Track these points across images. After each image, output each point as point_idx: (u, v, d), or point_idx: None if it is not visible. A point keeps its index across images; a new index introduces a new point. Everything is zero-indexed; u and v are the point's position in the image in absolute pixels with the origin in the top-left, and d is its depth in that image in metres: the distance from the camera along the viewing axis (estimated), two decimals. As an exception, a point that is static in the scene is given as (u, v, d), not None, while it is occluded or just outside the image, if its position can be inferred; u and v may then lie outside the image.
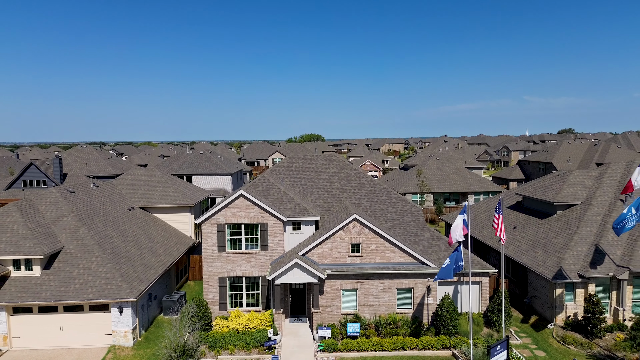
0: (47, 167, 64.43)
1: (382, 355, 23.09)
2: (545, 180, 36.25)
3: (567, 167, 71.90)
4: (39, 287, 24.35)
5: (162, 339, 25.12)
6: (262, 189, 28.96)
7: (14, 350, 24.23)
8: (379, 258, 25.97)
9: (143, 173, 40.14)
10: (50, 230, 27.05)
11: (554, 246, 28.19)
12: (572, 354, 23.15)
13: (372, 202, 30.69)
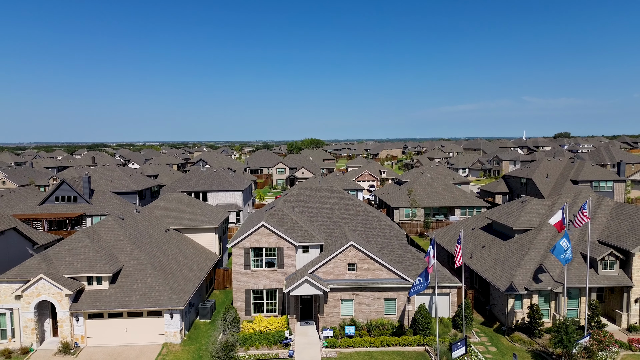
0: (77, 184, 71.49)
1: (372, 351, 30.36)
2: (509, 207, 43.50)
3: (546, 183, 79.16)
4: (108, 297, 31.64)
5: (202, 338, 32.59)
6: (278, 219, 36.22)
7: (89, 347, 31.48)
8: (370, 275, 33.23)
9: (174, 198, 47.37)
10: (112, 252, 34.36)
11: (510, 264, 35.47)
12: (516, 350, 30.44)
13: (366, 227, 37.98)
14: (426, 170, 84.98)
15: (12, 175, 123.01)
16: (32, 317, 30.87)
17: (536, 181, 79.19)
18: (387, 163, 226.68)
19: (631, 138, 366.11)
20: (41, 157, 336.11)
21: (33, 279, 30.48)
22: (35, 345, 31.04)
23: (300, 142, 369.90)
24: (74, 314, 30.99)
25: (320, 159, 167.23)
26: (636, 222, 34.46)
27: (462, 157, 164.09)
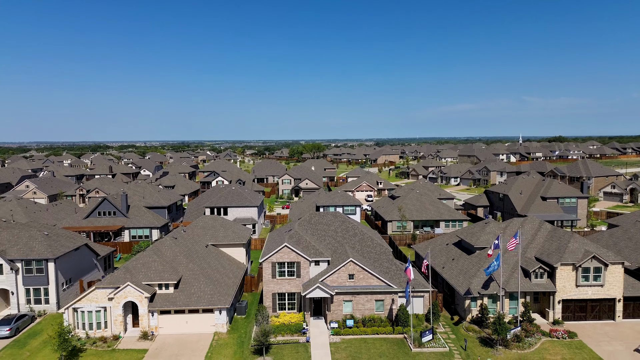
0: (116, 200, 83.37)
1: (365, 337, 42.21)
2: (474, 228, 55.38)
3: (520, 198, 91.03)
4: (174, 299, 43.52)
5: (241, 328, 44.47)
6: (296, 240, 48.07)
7: (160, 335, 43.33)
8: (365, 282, 45.08)
9: (210, 219, 59.23)
10: (173, 265, 46.24)
11: (469, 274, 47.34)
12: (468, 337, 42.31)
13: (362, 245, 49.85)
14: (416, 187, 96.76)
15: (41, 186, 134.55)
16: (120, 313, 42.78)
17: (511, 197, 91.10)
18: (385, 170, 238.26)
19: (620, 143, 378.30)
20: (51, 161, 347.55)
21: (122, 285, 42.37)
22: (122, 333, 42.95)
23: (302, 146, 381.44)
24: (150, 311, 42.88)
25: (321, 167, 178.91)
26: (562, 243, 46.37)
27: (454, 167, 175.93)
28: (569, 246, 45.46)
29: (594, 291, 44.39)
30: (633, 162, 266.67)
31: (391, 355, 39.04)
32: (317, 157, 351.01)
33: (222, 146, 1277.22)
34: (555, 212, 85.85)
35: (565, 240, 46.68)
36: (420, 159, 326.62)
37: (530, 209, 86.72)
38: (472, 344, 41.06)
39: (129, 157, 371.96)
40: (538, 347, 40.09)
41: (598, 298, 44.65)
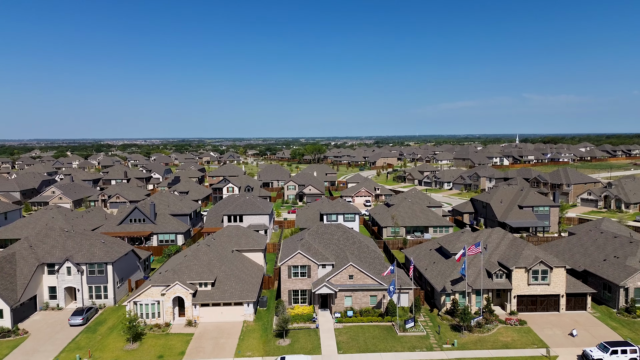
0: (144, 209, 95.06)
1: (362, 325, 54.03)
2: (452, 236, 67.20)
3: (500, 206, 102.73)
4: (212, 294, 55.36)
5: (264, 318, 56.32)
6: (307, 247, 59.89)
7: (201, 323, 55.13)
8: (362, 281, 56.90)
9: (233, 228, 71.04)
10: (210, 267, 58.07)
11: (445, 275, 59.13)
12: (442, 324, 54.16)
13: (360, 251, 61.67)
14: (408, 196, 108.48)
15: (66, 192, 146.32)
16: (170, 306, 54.64)
17: (493, 205, 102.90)
18: (383, 173, 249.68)
19: (613, 145, 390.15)
20: (61, 163, 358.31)
21: (172, 284, 54.23)
22: (172, 322, 54.82)
23: (303, 149, 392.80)
24: (194, 304, 54.74)
25: (323, 172, 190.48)
26: (518, 250, 58.20)
27: (447, 172, 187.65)
28: (523, 253, 57.32)
29: (542, 289, 56.26)
30: (621, 164, 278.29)
31: (381, 338, 50.92)
32: (318, 159, 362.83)
33: (223, 144, 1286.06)
34: (530, 219, 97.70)
35: (521, 248, 58.54)
36: (417, 162, 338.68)
37: (508, 216, 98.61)
38: (445, 329, 52.94)
39: (136, 159, 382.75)
40: (494, 331, 52.00)
41: (545, 294, 56.52)
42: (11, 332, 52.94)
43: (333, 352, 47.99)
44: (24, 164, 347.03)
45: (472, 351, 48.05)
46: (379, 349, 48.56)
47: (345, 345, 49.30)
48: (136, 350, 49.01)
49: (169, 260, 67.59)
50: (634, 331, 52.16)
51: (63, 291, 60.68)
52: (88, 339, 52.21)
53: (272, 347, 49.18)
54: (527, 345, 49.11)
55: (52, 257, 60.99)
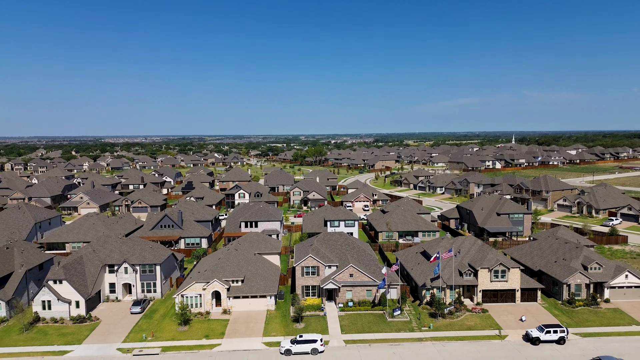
0: (173, 215, 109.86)
1: (360, 313, 69.16)
2: (433, 242, 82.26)
3: (481, 213, 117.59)
4: (242, 289, 70.51)
5: (282, 308, 71.58)
6: (316, 252, 74.96)
7: (233, 311, 70.26)
8: (360, 279, 71.98)
9: (254, 235, 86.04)
10: (239, 267, 73.15)
11: (426, 273, 74.17)
12: (422, 312, 69.25)
13: (358, 255, 76.77)
14: (401, 204, 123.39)
15: (92, 197, 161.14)
16: (209, 298, 69.72)
17: (474, 212, 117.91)
18: (381, 176, 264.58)
19: (603, 148, 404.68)
20: (72, 165, 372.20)
21: (211, 281, 69.31)
22: (211, 311, 69.91)
23: (305, 151, 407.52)
24: (228, 296, 69.83)
25: (325, 177, 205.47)
26: (484, 254, 73.23)
27: (440, 177, 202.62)
28: (488, 256, 72.39)
29: (501, 285, 71.35)
30: (607, 168, 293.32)
31: (375, 322, 66.03)
32: (320, 161, 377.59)
33: (224, 142, 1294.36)
34: (506, 225, 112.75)
35: (486, 252, 73.62)
36: (414, 164, 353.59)
37: (487, 222, 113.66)
38: (424, 316, 68.03)
39: (144, 161, 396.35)
40: (462, 318, 67.12)
41: (504, 289, 71.60)
42: (86, 319, 68.02)
43: (337, 332, 63.13)
44: (38, 166, 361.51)
45: (444, 332, 63.17)
46: (372, 330, 63.68)
47: (346, 328, 64.43)
48: (187, 332, 64.13)
49: (201, 261, 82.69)
50: (571, 318, 67.26)
51: (121, 287, 75.77)
52: (147, 323, 67.33)
53: (291, 329, 64.28)
54: (486, 327, 64.25)
55: (112, 259, 76.06)
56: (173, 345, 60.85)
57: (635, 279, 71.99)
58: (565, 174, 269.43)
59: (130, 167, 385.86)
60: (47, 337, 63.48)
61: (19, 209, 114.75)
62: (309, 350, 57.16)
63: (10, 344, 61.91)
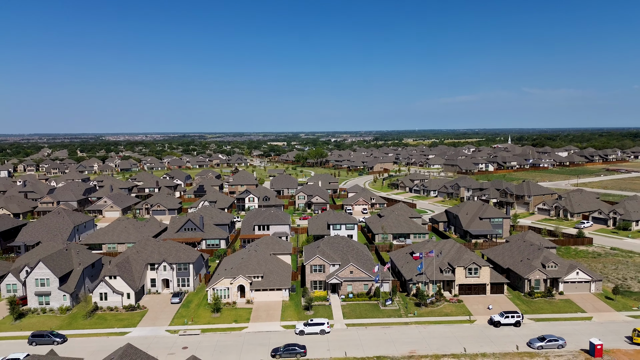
0: (195, 220, 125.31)
1: (358, 303, 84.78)
2: (420, 244, 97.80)
3: (466, 217, 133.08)
4: (262, 283, 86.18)
5: (295, 298, 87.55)
6: (322, 252, 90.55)
7: (255, 301, 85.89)
8: (358, 275, 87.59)
9: (270, 238, 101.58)
10: (260, 265, 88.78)
11: (413, 271, 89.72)
12: (409, 302, 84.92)
13: (357, 255, 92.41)
14: (395, 209, 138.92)
15: (115, 201, 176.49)
16: (235, 291, 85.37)
17: (460, 217, 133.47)
18: (379, 178, 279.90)
19: (596, 149, 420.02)
20: (84, 167, 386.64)
21: (237, 277, 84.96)
22: (236, 301, 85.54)
23: (307, 153, 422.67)
24: (251, 289, 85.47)
25: (327, 182, 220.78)
26: (461, 255, 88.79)
27: (434, 182, 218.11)
28: (463, 257, 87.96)
29: (474, 280, 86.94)
30: (593, 170, 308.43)
31: (370, 310, 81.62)
32: (321, 162, 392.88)
33: (225, 140, 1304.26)
34: (487, 228, 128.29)
35: (462, 253, 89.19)
36: (411, 166, 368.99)
37: (471, 225, 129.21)
38: (411, 305, 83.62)
39: (151, 162, 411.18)
40: (441, 307, 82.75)
41: (477, 283, 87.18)
42: (135, 307, 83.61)
43: (340, 318, 78.80)
44: (50, 168, 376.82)
45: (426, 317, 78.82)
46: (368, 316, 79.32)
47: (347, 314, 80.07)
48: (219, 317, 79.78)
49: (224, 260, 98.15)
50: (529, 306, 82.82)
51: (160, 281, 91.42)
52: (186, 311, 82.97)
53: (303, 315, 79.90)
54: (460, 314, 79.89)
55: (153, 259, 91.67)
56: (209, 327, 76.52)
57: (585, 275, 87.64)
58: (553, 176, 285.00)
59: (138, 168, 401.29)
60: (107, 322, 79.15)
61: (59, 214, 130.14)
62: (318, 331, 72.79)
63: (79, 327, 77.59)
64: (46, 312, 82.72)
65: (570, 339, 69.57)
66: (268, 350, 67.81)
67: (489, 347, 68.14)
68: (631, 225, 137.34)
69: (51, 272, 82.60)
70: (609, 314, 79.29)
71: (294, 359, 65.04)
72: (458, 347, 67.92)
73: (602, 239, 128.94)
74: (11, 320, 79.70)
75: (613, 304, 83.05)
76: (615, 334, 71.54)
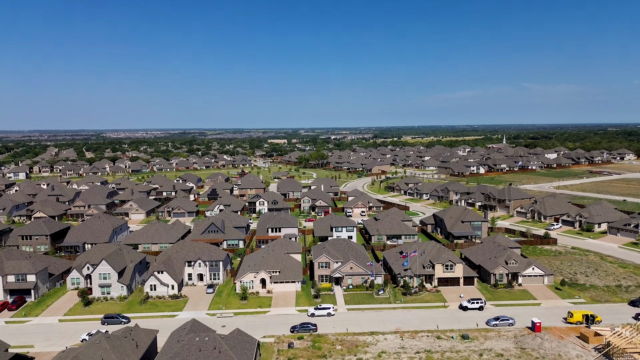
0: (217, 223, 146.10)
1: (357, 292, 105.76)
2: (407, 245, 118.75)
3: (450, 220, 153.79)
4: (279, 277, 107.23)
5: (306, 289, 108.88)
6: (327, 252, 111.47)
7: (274, 292, 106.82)
8: (357, 270, 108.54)
9: (283, 240, 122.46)
10: (276, 262, 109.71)
11: (401, 266, 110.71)
12: (397, 292, 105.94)
13: (356, 254, 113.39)
14: (389, 214, 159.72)
15: (140, 205, 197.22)
16: (258, 283, 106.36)
17: (445, 220, 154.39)
18: (377, 180, 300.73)
19: (585, 150, 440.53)
20: (97, 168, 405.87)
21: (259, 271, 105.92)
22: (259, 291, 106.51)
23: (309, 155, 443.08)
24: (271, 282, 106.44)
25: (328, 185, 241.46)
26: (440, 254, 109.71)
27: (426, 185, 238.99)
28: (442, 255, 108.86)
29: (450, 274, 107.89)
30: (577, 172, 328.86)
31: (366, 298, 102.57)
32: (322, 164, 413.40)
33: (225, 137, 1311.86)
34: (468, 230, 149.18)
35: (441, 252, 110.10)
36: (407, 167, 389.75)
37: (454, 227, 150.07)
38: (398, 295, 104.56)
39: (160, 164, 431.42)
40: (423, 295, 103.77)
41: (452, 277, 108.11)
42: (179, 297, 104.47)
43: (342, 304, 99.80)
44: (66, 170, 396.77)
45: (410, 304, 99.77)
46: (365, 303, 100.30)
47: (348, 301, 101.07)
48: (246, 304, 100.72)
49: (245, 258, 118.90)
50: (493, 295, 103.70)
51: (196, 275, 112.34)
52: (219, 299, 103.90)
53: (313, 302, 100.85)
54: (437, 301, 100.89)
55: (190, 257, 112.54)
56: (240, 311, 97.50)
57: (539, 270, 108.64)
58: (539, 178, 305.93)
59: (148, 170, 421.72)
60: (158, 307, 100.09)
61: (99, 218, 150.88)
62: (326, 314, 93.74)
63: (136, 311, 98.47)
64: (107, 300, 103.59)
65: (519, 319, 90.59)
66: (287, 328, 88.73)
67: (457, 325, 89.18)
68: (594, 228, 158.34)
69: (111, 268, 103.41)
70: (554, 301, 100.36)
71: (307, 333, 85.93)
72: (433, 325, 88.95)
73: (567, 239, 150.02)
74: (82, 306, 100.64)
75: (560, 293, 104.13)
76: (556, 316, 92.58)
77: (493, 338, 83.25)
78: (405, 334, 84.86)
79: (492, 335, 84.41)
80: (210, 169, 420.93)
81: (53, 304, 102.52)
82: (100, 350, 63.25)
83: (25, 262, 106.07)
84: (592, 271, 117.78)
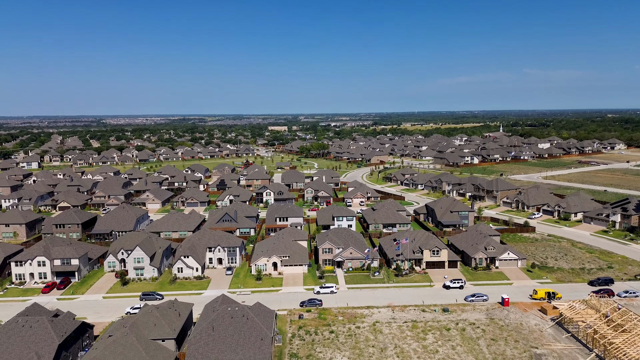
0: (231, 212, 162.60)
1: (355, 274, 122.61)
2: (400, 233, 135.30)
3: (440, 211, 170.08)
4: (289, 260, 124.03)
5: (312, 271, 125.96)
6: (330, 239, 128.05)
7: (284, 273, 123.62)
8: (356, 255, 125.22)
9: (290, 229, 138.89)
10: (286, 248, 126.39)
11: (394, 252, 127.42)
12: (391, 274, 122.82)
13: (355, 241, 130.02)
14: (386, 205, 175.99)
15: (156, 195, 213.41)
16: (271, 266, 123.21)
17: (435, 210, 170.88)
18: (376, 171, 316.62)
19: (578, 140, 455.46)
20: (106, 157, 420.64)
21: (271, 256, 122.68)
22: (271, 273, 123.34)
23: (310, 145, 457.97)
24: (281, 265, 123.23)
25: (330, 176, 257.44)
26: (428, 241, 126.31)
27: (421, 176, 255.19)
28: (429, 242, 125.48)
29: (437, 258, 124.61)
30: (566, 162, 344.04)
31: (364, 279, 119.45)
32: (323, 154, 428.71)
33: (226, 123, 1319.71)
34: (456, 219, 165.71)
35: (429, 240, 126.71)
36: (405, 157, 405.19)
37: (444, 217, 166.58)
38: (392, 276, 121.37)
39: (167, 153, 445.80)
40: (412, 276, 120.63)
41: (438, 261, 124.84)
42: (202, 278, 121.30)
43: (343, 284, 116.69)
44: (77, 159, 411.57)
45: (401, 283, 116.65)
46: (362, 283, 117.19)
47: (348, 281, 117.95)
48: (261, 284, 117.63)
49: (257, 244, 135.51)
50: (473, 276, 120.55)
51: (216, 259, 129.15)
52: (237, 280, 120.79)
53: (318, 282, 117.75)
54: (424, 281, 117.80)
55: (210, 243, 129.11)
56: (256, 290, 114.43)
57: (514, 255, 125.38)
58: (530, 168, 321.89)
59: (155, 159, 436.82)
60: (185, 287, 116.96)
61: (123, 208, 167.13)
62: (329, 292, 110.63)
63: (167, 290, 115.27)
64: (141, 280, 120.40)
65: (492, 296, 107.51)
66: (297, 303, 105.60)
67: (440, 300, 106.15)
68: (570, 217, 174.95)
69: (144, 253, 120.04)
70: (525, 281, 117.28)
71: (314, 307, 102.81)
72: (419, 301, 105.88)
73: (545, 228, 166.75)
74: (120, 286, 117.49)
75: (530, 274, 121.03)
76: (524, 294, 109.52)
77: (469, 311, 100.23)
78: (395, 308, 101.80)
79: (468, 309, 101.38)
80: (215, 159, 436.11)
81: (95, 284, 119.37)
82: (153, 317, 80.00)
83: (69, 248, 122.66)
84: (562, 256, 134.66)
